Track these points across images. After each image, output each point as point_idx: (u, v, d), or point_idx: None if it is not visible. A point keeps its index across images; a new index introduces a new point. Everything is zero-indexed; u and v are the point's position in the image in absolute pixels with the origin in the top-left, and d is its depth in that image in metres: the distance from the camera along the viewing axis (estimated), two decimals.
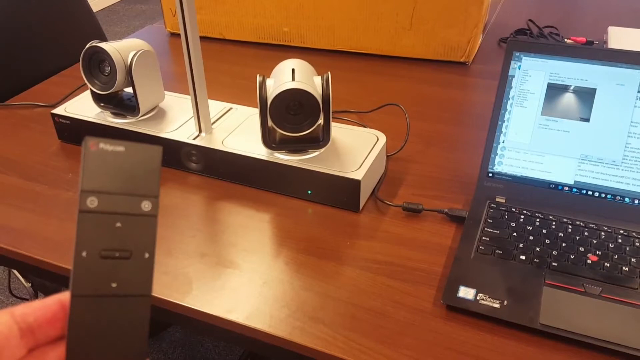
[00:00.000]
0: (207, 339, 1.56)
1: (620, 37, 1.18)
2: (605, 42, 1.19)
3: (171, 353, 1.52)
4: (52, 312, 0.32)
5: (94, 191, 0.31)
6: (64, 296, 0.33)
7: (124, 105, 0.89)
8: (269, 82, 0.76)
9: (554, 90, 0.71)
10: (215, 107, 0.91)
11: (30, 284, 1.20)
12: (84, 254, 0.31)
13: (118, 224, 0.32)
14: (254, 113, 0.89)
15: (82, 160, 0.31)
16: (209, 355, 1.52)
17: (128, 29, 3.69)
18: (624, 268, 0.63)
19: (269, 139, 0.77)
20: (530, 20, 1.31)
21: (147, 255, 0.32)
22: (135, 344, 0.32)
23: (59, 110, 0.91)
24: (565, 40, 1.23)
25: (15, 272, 1.23)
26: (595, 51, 0.69)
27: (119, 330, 0.32)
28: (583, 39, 1.22)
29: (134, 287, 0.32)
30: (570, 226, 0.69)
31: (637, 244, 0.66)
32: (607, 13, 1.43)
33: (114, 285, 0.32)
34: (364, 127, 0.92)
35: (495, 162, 0.75)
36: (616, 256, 0.64)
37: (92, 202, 0.31)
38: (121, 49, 0.83)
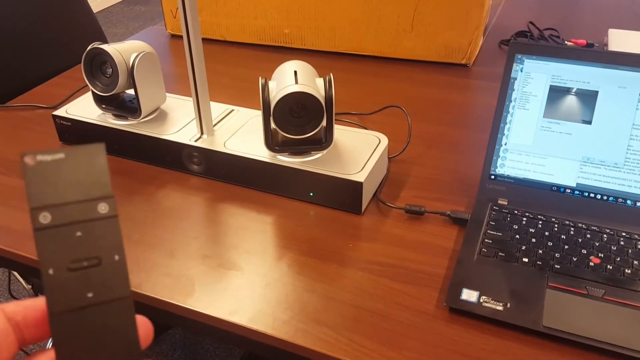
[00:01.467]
0: (208, 341, 1.56)
1: (621, 40, 1.18)
2: (606, 45, 1.20)
3: (171, 355, 1.52)
4: (41, 313, 0.32)
5: (45, 206, 0.30)
6: None
7: (126, 107, 0.88)
8: (271, 84, 0.76)
9: (556, 93, 0.71)
10: (216, 109, 0.91)
11: (30, 286, 1.19)
12: (50, 271, 0.30)
13: (78, 234, 0.31)
14: (255, 115, 0.89)
15: (24, 177, 0.30)
16: (209, 357, 1.52)
17: (127, 30, 3.69)
18: (626, 270, 0.63)
19: (271, 141, 0.77)
20: (530, 22, 1.31)
21: (117, 257, 0.31)
22: (126, 347, 0.31)
23: (60, 112, 0.91)
24: (566, 42, 1.24)
25: (16, 273, 1.23)
26: (598, 54, 0.69)
27: (107, 337, 0.31)
28: (583, 41, 1.22)
29: (111, 292, 0.31)
30: (572, 228, 0.69)
31: (639, 247, 0.66)
32: (607, 15, 1.43)
33: (90, 295, 0.31)
34: (366, 129, 0.92)
35: (498, 165, 0.75)
36: (618, 258, 0.65)
37: (45, 218, 0.30)
38: (123, 50, 0.83)
